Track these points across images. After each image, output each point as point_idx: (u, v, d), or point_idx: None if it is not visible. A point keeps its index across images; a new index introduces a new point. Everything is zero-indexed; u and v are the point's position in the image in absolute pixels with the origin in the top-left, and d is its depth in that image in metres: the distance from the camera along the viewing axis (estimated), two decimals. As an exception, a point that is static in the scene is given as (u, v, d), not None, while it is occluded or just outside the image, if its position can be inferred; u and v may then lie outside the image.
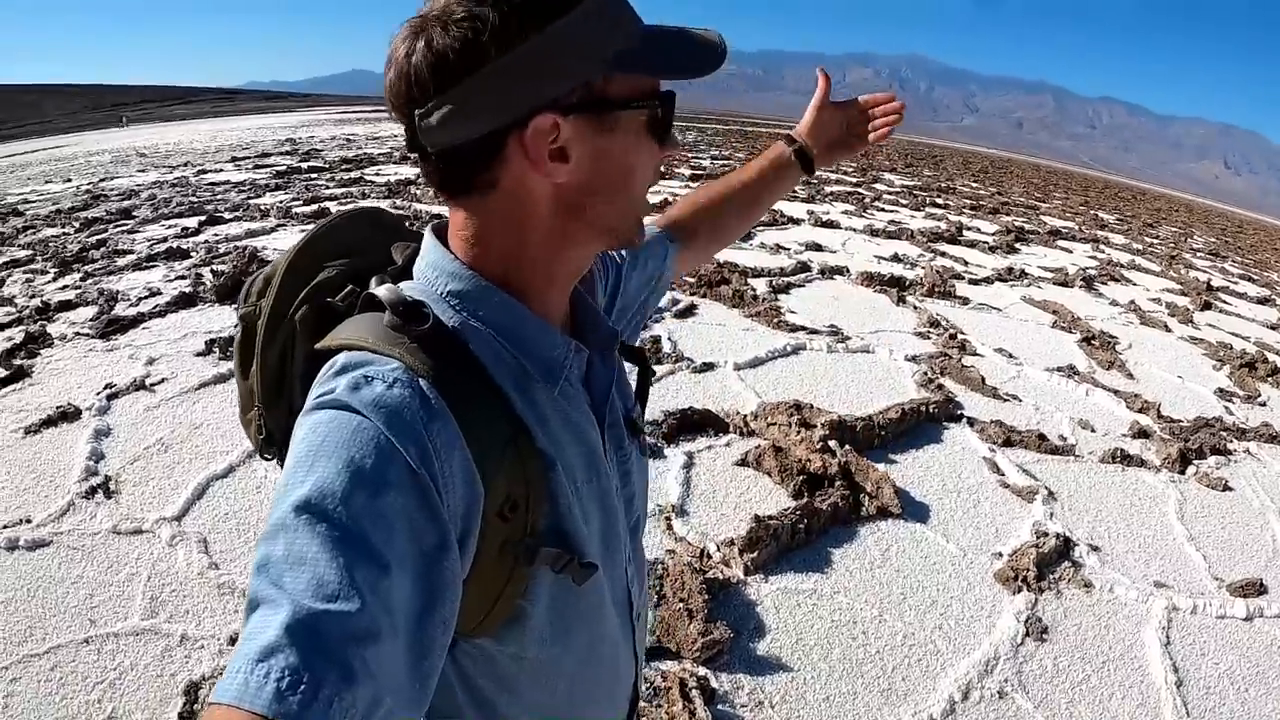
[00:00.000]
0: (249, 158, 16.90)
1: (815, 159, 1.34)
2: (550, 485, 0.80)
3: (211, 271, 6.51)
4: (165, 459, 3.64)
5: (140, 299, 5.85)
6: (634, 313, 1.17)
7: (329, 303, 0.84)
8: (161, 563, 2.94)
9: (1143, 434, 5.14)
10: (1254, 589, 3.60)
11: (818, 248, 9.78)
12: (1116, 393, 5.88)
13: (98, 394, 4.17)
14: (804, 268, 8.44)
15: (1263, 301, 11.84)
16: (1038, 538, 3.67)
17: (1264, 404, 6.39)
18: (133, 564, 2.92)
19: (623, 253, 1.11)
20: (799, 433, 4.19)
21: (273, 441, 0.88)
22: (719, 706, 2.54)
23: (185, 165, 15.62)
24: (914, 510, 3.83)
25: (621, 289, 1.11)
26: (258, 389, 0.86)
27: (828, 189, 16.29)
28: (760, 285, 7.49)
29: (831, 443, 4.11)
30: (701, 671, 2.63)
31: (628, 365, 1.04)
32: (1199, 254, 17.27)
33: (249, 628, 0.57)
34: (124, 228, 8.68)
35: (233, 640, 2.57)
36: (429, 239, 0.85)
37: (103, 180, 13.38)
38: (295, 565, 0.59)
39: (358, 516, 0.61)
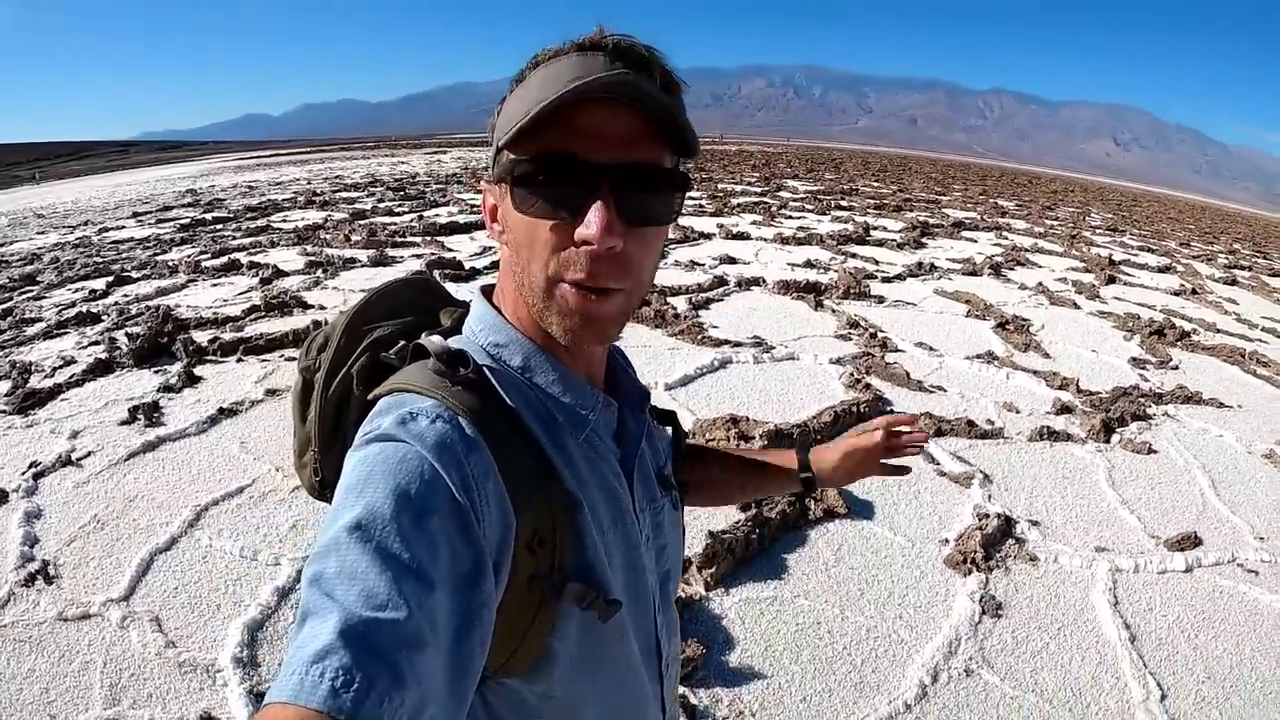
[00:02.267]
0: (151, 212, 16.35)
1: (817, 485, 1.42)
2: (577, 524, 0.84)
3: (126, 334, 6.27)
4: (103, 536, 3.50)
5: (55, 369, 5.61)
6: None
7: (383, 356, 0.91)
8: (115, 647, 2.82)
9: (1065, 409, 5.39)
10: (1190, 542, 3.82)
11: (731, 260, 9.99)
12: (1036, 373, 6.16)
13: (23, 474, 3.99)
14: (721, 281, 8.60)
15: (1163, 270, 12.49)
16: (980, 520, 3.82)
17: (1176, 368, 6.77)
18: (85, 651, 2.80)
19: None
20: (738, 445, 4.26)
21: (327, 484, 0.93)
22: (701, 722, 2.57)
23: (86, 224, 15.00)
24: (859, 508, 3.95)
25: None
26: (315, 435, 0.93)
27: (734, 201, 16.57)
28: (680, 303, 7.60)
29: (771, 452, 4.18)
30: (679, 690, 2.66)
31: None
32: (1098, 231, 18.15)
33: (301, 636, 0.61)
34: (29, 294, 8.30)
35: (204, 719, 2.49)
36: (477, 297, 0.94)
37: (1, 245, 12.77)
38: (346, 579, 0.63)
39: (405, 537, 0.66)
